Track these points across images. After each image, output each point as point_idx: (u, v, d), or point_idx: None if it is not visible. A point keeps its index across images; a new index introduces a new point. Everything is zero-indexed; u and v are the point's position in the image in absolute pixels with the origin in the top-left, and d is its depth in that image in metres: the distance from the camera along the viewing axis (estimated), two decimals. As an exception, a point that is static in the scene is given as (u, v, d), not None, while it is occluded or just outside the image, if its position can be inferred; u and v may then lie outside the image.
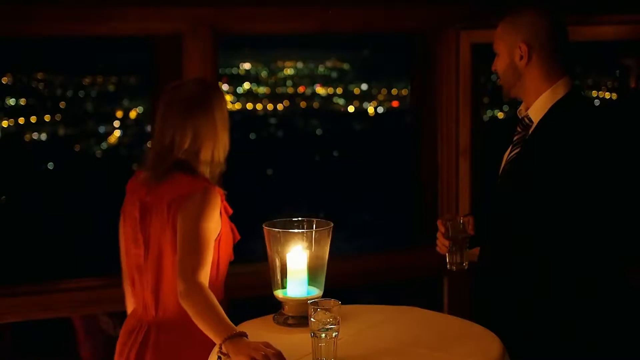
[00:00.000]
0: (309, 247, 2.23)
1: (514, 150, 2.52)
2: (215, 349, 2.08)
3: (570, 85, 2.45)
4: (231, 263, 2.65)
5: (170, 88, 2.54)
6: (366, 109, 25.01)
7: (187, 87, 2.52)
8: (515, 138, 2.53)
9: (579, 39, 3.81)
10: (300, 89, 24.90)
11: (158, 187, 2.45)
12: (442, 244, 2.58)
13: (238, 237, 2.57)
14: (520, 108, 2.55)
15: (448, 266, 2.58)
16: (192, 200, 2.38)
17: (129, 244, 2.55)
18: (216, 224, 2.43)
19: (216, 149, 2.48)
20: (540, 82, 2.44)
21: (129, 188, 2.58)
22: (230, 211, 2.55)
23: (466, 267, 2.57)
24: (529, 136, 2.47)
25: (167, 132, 2.45)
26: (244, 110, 25.11)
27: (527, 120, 2.48)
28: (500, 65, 2.51)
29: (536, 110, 2.45)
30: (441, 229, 2.58)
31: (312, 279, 2.27)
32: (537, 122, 2.45)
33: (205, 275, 2.30)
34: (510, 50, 2.46)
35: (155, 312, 2.46)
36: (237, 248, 2.96)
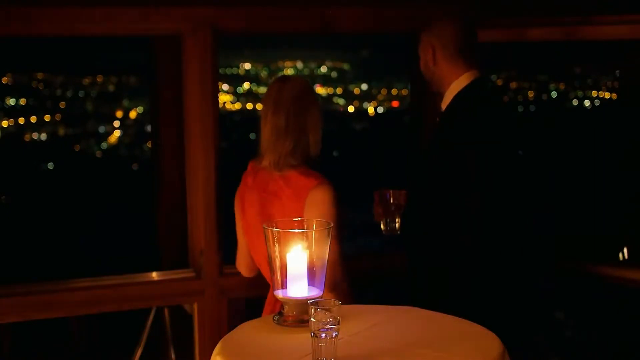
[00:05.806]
0: (309, 247, 2.23)
1: None
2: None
3: (474, 78, 2.69)
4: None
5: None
6: (366, 109, 25.02)
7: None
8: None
9: (579, 39, 3.81)
10: (300, 89, 24.84)
11: (279, 177, 2.64)
12: (376, 213, 2.96)
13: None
14: None
15: (383, 231, 2.97)
16: (315, 195, 2.63)
17: (252, 234, 2.71)
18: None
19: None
20: (447, 77, 2.76)
21: (246, 180, 2.75)
22: None
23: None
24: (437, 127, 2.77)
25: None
26: (244, 110, 25.09)
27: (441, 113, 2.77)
28: (421, 65, 2.86)
29: (444, 102, 2.76)
30: (376, 198, 2.95)
31: (312, 279, 2.27)
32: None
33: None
34: (424, 52, 2.83)
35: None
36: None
